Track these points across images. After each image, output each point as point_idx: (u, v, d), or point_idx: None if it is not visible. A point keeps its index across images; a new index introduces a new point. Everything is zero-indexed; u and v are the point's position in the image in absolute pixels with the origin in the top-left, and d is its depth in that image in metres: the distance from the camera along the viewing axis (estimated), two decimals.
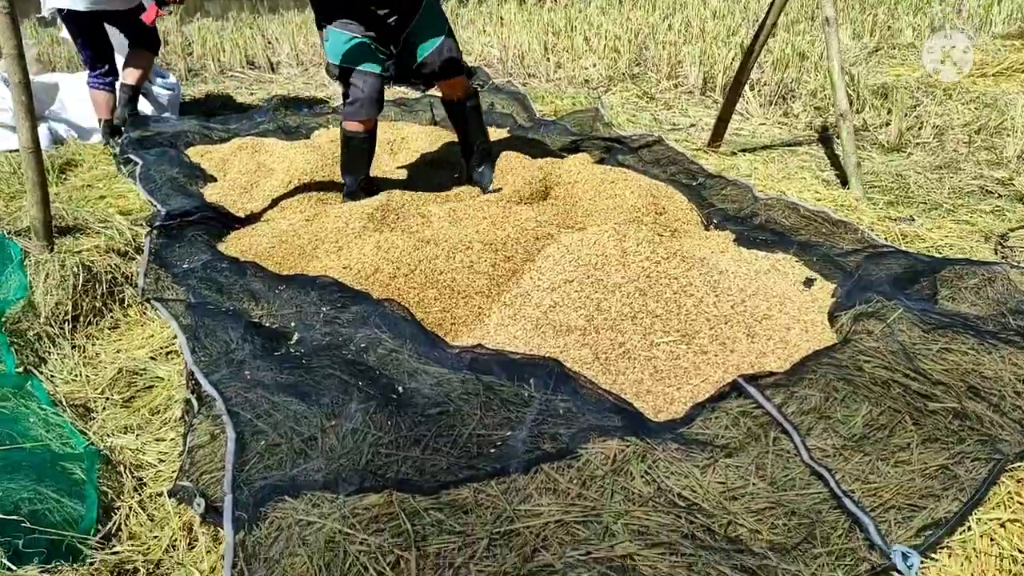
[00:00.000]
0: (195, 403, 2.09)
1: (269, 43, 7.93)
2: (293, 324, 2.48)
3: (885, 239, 3.30)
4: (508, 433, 2.01)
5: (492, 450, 1.94)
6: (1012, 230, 3.59)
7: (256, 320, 2.52)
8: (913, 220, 3.65)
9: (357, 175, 3.60)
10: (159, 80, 5.16)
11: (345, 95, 3.55)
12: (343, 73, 3.50)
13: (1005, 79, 5.94)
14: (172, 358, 2.46)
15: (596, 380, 2.25)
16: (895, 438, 1.96)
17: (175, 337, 2.45)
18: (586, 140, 4.46)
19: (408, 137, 4.45)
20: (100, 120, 4.59)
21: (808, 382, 2.12)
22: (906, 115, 5.18)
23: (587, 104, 5.54)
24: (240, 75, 7.10)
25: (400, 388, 2.15)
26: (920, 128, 5.13)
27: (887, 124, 5.20)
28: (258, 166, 3.93)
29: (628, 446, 1.94)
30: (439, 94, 3.87)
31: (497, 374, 2.21)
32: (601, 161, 4.18)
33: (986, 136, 5.01)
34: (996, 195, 4.09)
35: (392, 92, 6.24)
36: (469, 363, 2.24)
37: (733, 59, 6.38)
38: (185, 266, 2.88)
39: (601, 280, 2.51)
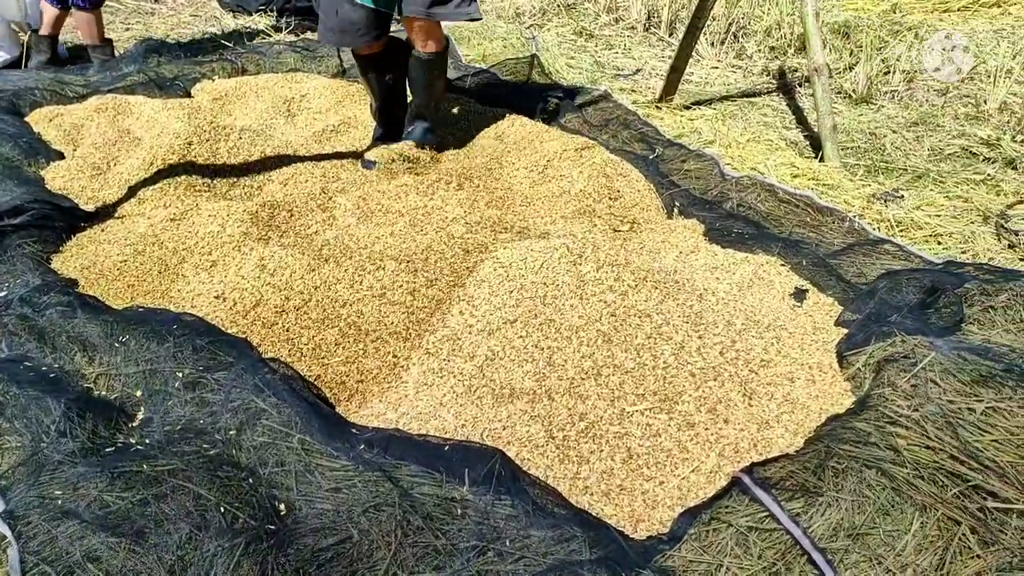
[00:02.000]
0: None
1: None
2: (139, 392, 1.83)
3: (876, 228, 2.79)
4: None
5: None
6: (1011, 206, 3.11)
7: (88, 387, 1.86)
8: (902, 197, 3.14)
9: (375, 109, 3.28)
10: None
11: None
12: None
13: (972, 14, 5.45)
14: None
15: (552, 470, 1.68)
16: (960, 567, 1.45)
17: None
18: (522, 95, 3.80)
19: (310, 94, 3.71)
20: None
21: (833, 475, 1.59)
22: (870, 58, 4.64)
23: (520, 45, 4.84)
24: (115, 4, 6.12)
25: (282, 506, 1.55)
26: (887, 74, 4.61)
27: (850, 68, 4.67)
28: (119, 135, 3.17)
29: None
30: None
31: (418, 471, 1.63)
32: (543, 123, 3.54)
33: (957, 81, 4.53)
34: (982, 159, 3.62)
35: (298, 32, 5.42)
36: (382, 449, 1.65)
37: None
38: (3, 295, 2.18)
39: (553, 320, 1.93)
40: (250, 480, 1.59)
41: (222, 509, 1.50)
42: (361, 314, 2.06)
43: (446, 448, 1.63)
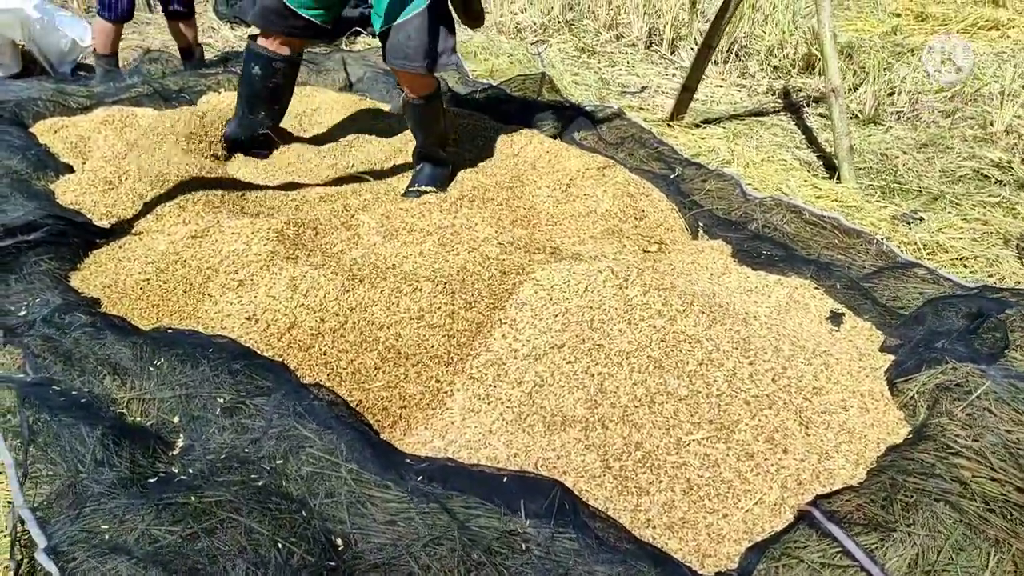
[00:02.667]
0: None
1: None
2: (177, 419, 1.76)
3: (903, 250, 2.77)
4: None
5: None
6: None
7: (120, 412, 1.78)
8: (922, 219, 3.14)
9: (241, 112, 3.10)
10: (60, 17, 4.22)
11: None
12: None
13: (971, 37, 5.50)
14: None
15: (611, 502, 1.63)
16: None
17: None
18: (535, 112, 3.76)
19: (320, 108, 3.65)
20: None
21: (902, 509, 1.56)
22: (877, 79, 4.66)
23: (526, 60, 4.82)
24: None
25: (339, 540, 1.49)
26: (891, 95, 4.64)
27: (854, 89, 4.68)
28: (129, 148, 3.09)
29: None
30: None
31: (473, 502, 1.57)
32: (559, 141, 3.51)
33: (960, 103, 4.56)
34: (993, 181, 3.63)
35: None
36: (441, 481, 1.59)
37: (680, 7, 5.75)
38: (23, 314, 2.09)
39: (601, 346, 1.88)
40: (302, 512, 1.53)
41: (279, 545, 1.43)
42: (399, 337, 2.00)
43: (504, 479, 1.58)
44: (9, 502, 1.66)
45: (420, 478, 1.57)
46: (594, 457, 1.69)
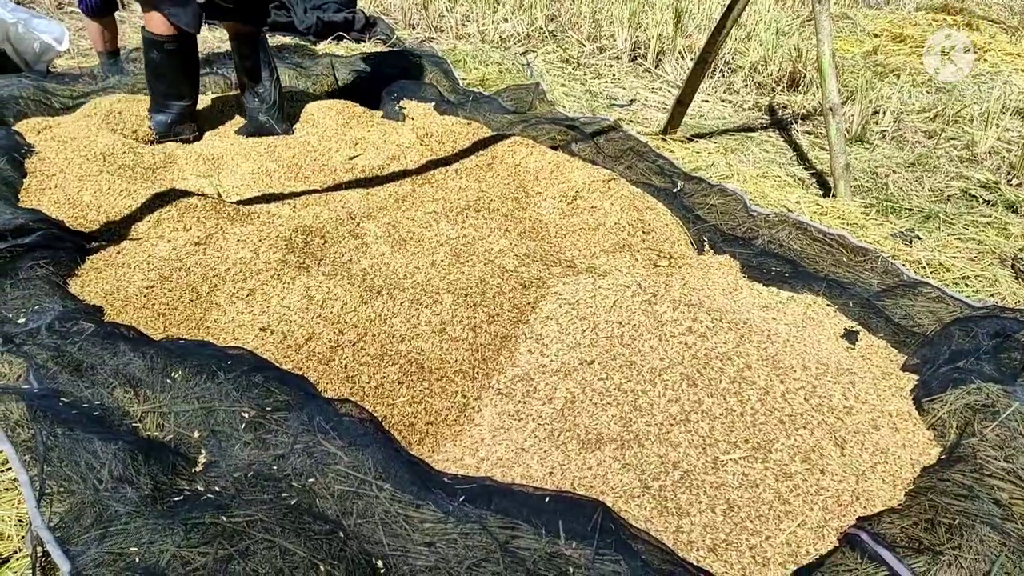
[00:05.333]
0: None
1: None
2: (196, 433, 1.68)
3: (906, 268, 2.79)
4: None
5: None
6: (1023, 249, 3.17)
7: (135, 426, 1.70)
8: (919, 238, 3.17)
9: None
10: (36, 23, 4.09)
11: None
12: None
13: None
14: (7, 493, 1.62)
15: (652, 523, 1.59)
16: None
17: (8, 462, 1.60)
18: (529, 124, 3.72)
19: (315, 114, 3.57)
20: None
21: (946, 532, 1.54)
22: (863, 98, 4.71)
23: (515, 70, 4.79)
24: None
25: (380, 563, 1.42)
26: (875, 114, 4.69)
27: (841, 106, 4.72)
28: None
29: None
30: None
31: (509, 522, 1.52)
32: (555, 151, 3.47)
33: (942, 123, 4.63)
34: (981, 200, 3.68)
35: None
36: (485, 502, 1.54)
37: (664, 22, 5.78)
38: (22, 321, 1.99)
39: (633, 362, 1.84)
40: (338, 533, 1.46)
41: (319, 567, 1.37)
42: (421, 351, 1.94)
43: (547, 499, 1.53)
44: (20, 520, 1.58)
45: (463, 498, 1.52)
46: (632, 476, 1.65)
